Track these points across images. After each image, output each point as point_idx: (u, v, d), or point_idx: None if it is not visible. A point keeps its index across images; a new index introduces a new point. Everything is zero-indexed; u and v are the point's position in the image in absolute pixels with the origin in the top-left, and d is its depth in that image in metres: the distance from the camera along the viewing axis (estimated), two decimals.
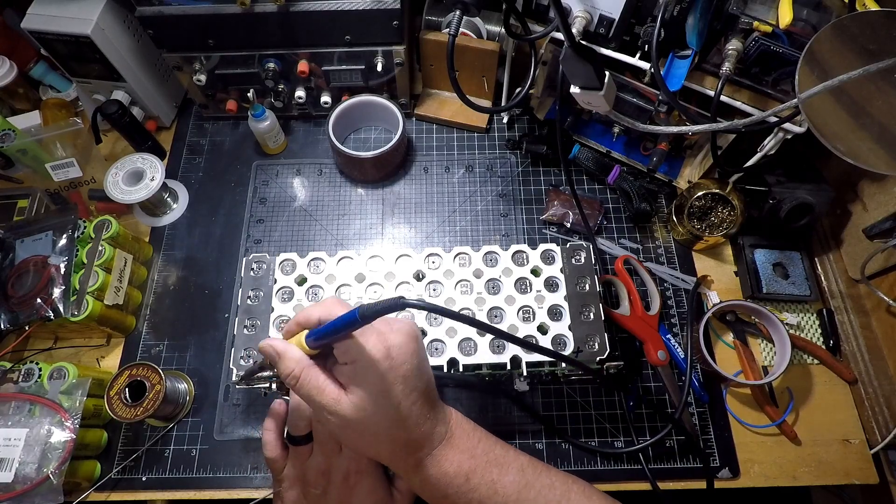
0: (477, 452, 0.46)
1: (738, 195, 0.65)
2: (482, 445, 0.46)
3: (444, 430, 0.46)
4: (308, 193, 0.76)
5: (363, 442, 0.45)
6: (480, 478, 0.45)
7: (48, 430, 0.54)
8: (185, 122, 0.81)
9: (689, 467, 0.59)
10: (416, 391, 0.43)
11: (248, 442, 0.61)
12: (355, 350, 0.41)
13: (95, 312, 0.60)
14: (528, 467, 0.47)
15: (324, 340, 0.42)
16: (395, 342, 0.42)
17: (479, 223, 0.73)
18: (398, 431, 0.43)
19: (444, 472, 0.44)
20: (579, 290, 0.57)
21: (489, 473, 0.45)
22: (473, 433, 0.47)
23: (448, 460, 0.45)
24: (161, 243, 0.72)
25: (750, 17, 0.51)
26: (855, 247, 0.65)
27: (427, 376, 0.45)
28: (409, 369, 0.43)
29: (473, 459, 0.45)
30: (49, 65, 0.79)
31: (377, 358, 0.41)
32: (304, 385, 0.42)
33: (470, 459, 0.45)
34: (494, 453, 0.46)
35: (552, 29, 0.59)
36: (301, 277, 0.58)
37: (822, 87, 0.44)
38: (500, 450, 0.47)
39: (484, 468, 0.45)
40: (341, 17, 0.65)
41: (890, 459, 0.60)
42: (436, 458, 0.45)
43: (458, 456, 0.45)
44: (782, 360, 0.61)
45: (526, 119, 0.81)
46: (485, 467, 0.45)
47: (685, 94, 0.59)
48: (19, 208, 0.68)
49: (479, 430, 0.48)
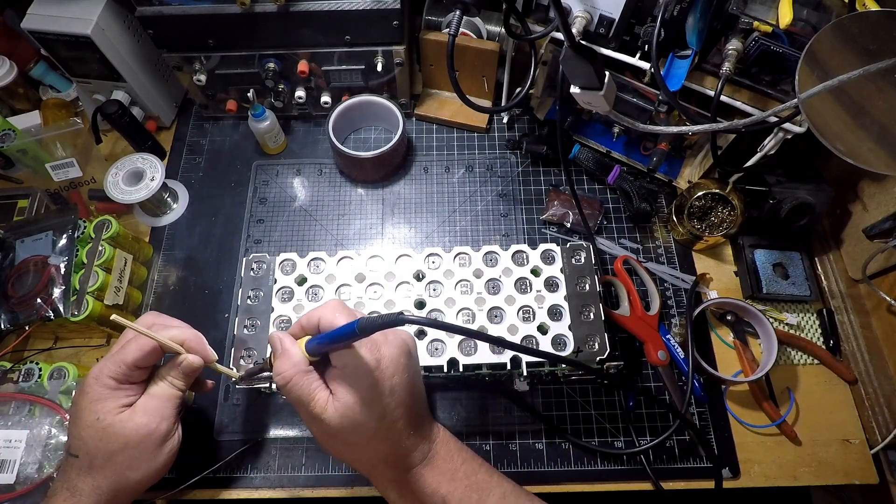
0: (458, 475, 0.45)
1: (738, 195, 0.65)
2: (465, 468, 0.46)
3: (428, 449, 0.46)
4: (308, 193, 0.76)
5: (344, 450, 0.45)
6: (458, 502, 0.44)
7: (48, 430, 0.54)
8: (185, 122, 0.81)
9: (689, 467, 0.59)
10: (402, 406, 0.43)
11: (247, 442, 0.61)
12: (347, 356, 0.41)
13: (95, 312, 0.60)
14: (511, 495, 0.46)
15: (322, 349, 0.43)
16: (387, 354, 0.42)
17: (479, 223, 0.73)
18: (379, 443, 0.43)
19: (422, 492, 0.44)
20: (579, 290, 0.57)
21: (468, 498, 0.45)
22: (458, 454, 0.47)
23: (426, 480, 0.45)
24: (161, 243, 0.72)
25: (750, 17, 0.51)
26: (855, 247, 0.65)
27: (417, 392, 0.45)
28: (398, 383, 0.43)
29: (453, 482, 0.45)
30: (49, 65, 0.79)
31: (366, 367, 0.41)
32: (294, 388, 0.42)
33: (449, 482, 0.45)
34: (477, 477, 0.46)
35: (552, 29, 0.59)
36: (301, 277, 0.58)
37: (822, 87, 0.44)
38: (484, 474, 0.47)
39: (463, 492, 0.45)
40: (341, 17, 0.65)
41: (890, 459, 0.60)
42: (414, 476, 0.45)
43: (438, 478, 0.45)
44: (769, 355, 0.61)
45: (526, 119, 0.81)
46: (464, 491, 0.45)
47: (685, 94, 0.59)
48: (19, 208, 0.68)
49: (465, 452, 0.48)
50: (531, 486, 0.58)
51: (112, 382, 0.46)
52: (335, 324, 0.42)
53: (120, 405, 0.46)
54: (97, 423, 0.45)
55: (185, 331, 0.49)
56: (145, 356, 0.46)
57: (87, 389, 0.46)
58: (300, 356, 0.43)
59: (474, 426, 0.61)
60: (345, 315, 0.43)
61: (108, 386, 0.46)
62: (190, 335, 0.49)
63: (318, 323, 0.43)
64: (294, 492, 0.58)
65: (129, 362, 0.46)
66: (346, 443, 0.44)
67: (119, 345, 0.48)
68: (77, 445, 0.46)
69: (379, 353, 0.42)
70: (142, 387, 0.48)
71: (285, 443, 0.60)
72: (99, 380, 0.46)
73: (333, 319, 0.42)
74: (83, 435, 0.46)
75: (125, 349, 0.46)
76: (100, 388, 0.46)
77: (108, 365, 0.46)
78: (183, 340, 0.48)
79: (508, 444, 0.60)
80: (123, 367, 0.46)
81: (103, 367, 0.46)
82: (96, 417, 0.45)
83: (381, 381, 0.42)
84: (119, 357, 0.46)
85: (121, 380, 0.46)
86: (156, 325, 0.48)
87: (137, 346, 0.46)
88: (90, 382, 0.46)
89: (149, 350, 0.47)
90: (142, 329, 0.46)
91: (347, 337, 0.40)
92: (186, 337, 0.48)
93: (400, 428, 0.43)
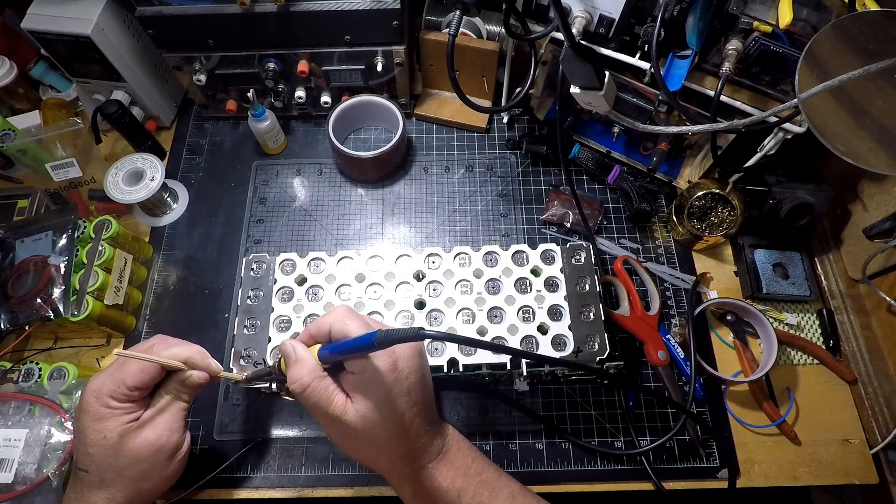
0: (470, 472, 0.47)
1: (738, 195, 0.65)
2: (476, 465, 0.47)
3: (442, 445, 0.47)
4: (308, 193, 0.76)
5: (364, 451, 0.46)
6: (471, 497, 0.46)
7: (48, 430, 0.54)
8: (185, 122, 0.81)
9: (690, 467, 0.59)
10: (418, 404, 0.44)
11: (248, 442, 0.61)
12: (364, 360, 0.42)
13: (95, 312, 0.60)
14: (519, 494, 0.48)
15: (336, 358, 0.43)
16: (403, 355, 0.43)
17: (479, 223, 0.73)
18: (399, 442, 0.44)
19: (437, 487, 0.45)
20: (579, 290, 0.57)
21: (479, 494, 0.46)
22: (469, 452, 0.48)
23: (442, 475, 0.46)
24: (161, 243, 0.72)
25: (750, 17, 0.51)
26: (855, 247, 0.65)
27: (429, 391, 0.47)
28: (414, 382, 0.44)
29: (466, 478, 0.46)
30: (49, 65, 0.79)
31: (384, 370, 0.42)
32: (312, 394, 0.43)
33: (463, 477, 0.46)
34: (487, 475, 0.47)
35: (552, 29, 0.59)
36: (301, 277, 0.58)
37: (822, 87, 0.44)
38: (493, 473, 0.48)
39: (475, 488, 0.46)
40: (341, 17, 0.64)
41: (890, 459, 0.60)
42: (430, 471, 0.46)
43: (452, 472, 0.46)
44: (769, 355, 0.61)
45: (526, 119, 0.81)
46: (476, 488, 0.46)
47: (685, 94, 0.59)
48: (19, 208, 0.68)
49: (474, 450, 0.49)
50: (531, 486, 0.58)
51: (112, 402, 0.46)
52: (346, 331, 0.43)
53: (124, 422, 0.46)
54: (104, 442, 0.46)
55: (187, 348, 0.49)
56: (146, 378, 0.47)
57: (87, 407, 0.46)
58: (315, 363, 0.44)
59: (474, 426, 0.61)
60: (355, 322, 0.43)
61: (107, 405, 0.46)
62: (192, 352, 0.49)
63: (329, 331, 0.44)
64: (294, 492, 0.58)
65: (129, 385, 0.46)
66: (367, 444, 0.44)
67: (118, 362, 0.48)
68: (86, 462, 0.46)
69: (395, 354, 0.43)
70: (144, 402, 0.48)
71: (285, 443, 0.60)
72: (99, 398, 0.46)
73: (345, 328, 0.43)
74: (91, 452, 0.46)
75: (124, 370, 0.46)
76: (100, 407, 0.46)
77: (107, 384, 0.46)
78: (186, 358, 0.48)
79: (508, 444, 0.60)
80: (123, 387, 0.46)
81: (102, 385, 0.46)
82: (103, 436, 0.46)
83: (398, 381, 0.43)
84: (118, 377, 0.46)
85: (121, 399, 0.46)
86: (158, 345, 0.48)
87: (138, 368, 0.46)
88: (89, 400, 0.46)
89: (150, 372, 0.47)
90: (143, 356, 0.46)
91: (365, 348, 0.41)
92: (189, 354, 0.48)
93: (417, 425, 0.44)
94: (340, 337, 0.43)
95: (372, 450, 0.45)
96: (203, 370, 0.49)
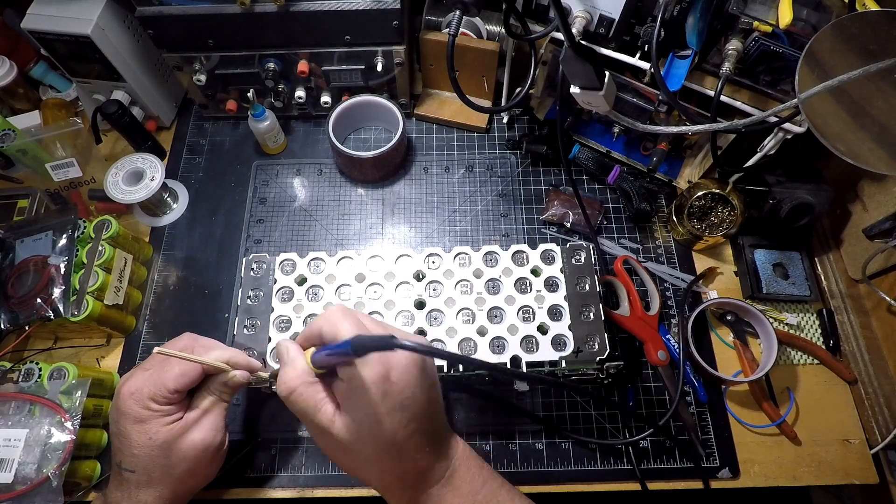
0: (479, 498, 0.42)
1: (738, 195, 0.65)
2: (486, 489, 0.43)
3: (446, 468, 0.43)
4: (308, 193, 0.76)
5: (355, 467, 0.43)
6: None
7: (48, 430, 0.54)
8: (185, 122, 0.81)
9: (691, 467, 0.59)
10: (414, 421, 0.40)
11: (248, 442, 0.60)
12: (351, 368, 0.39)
13: (95, 312, 0.60)
14: None
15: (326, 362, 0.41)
16: (398, 365, 0.39)
17: (479, 223, 0.73)
18: (390, 462, 0.40)
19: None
20: (579, 290, 0.57)
21: None
22: (479, 473, 0.44)
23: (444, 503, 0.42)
24: (161, 243, 0.72)
25: (750, 17, 0.51)
26: (855, 247, 0.65)
27: (434, 406, 0.42)
28: (409, 397, 0.39)
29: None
30: (49, 65, 0.79)
31: (372, 380, 0.38)
32: (298, 399, 0.41)
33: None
34: (498, 500, 0.43)
35: (552, 29, 0.59)
36: (301, 277, 0.58)
37: (822, 87, 0.44)
38: (506, 495, 0.44)
39: None
40: (341, 17, 0.64)
41: (890, 459, 0.60)
42: (432, 498, 0.42)
43: (458, 500, 0.42)
44: (769, 355, 0.61)
45: (526, 119, 0.81)
46: None
47: (685, 94, 0.59)
48: (19, 208, 0.68)
49: (486, 471, 0.44)
50: (531, 486, 0.58)
51: (153, 404, 0.46)
52: (338, 334, 0.40)
53: (167, 423, 0.46)
54: (150, 443, 0.46)
55: (227, 350, 0.49)
56: (187, 381, 0.47)
57: (127, 410, 0.46)
58: (304, 366, 0.42)
59: (474, 426, 0.61)
60: (348, 323, 0.40)
61: (148, 408, 0.46)
62: (233, 353, 0.49)
63: (321, 334, 0.42)
64: (294, 492, 0.58)
65: (170, 388, 0.46)
66: (357, 460, 0.41)
67: (154, 362, 0.48)
68: (132, 462, 0.46)
69: (389, 363, 0.39)
70: (184, 403, 0.49)
71: (285, 443, 0.60)
72: (139, 401, 0.46)
73: (335, 330, 0.40)
74: (137, 453, 0.46)
75: (163, 373, 0.46)
76: (140, 410, 0.46)
77: (146, 386, 0.46)
78: (228, 359, 0.48)
79: (508, 444, 0.60)
80: (164, 390, 0.46)
81: (141, 386, 0.46)
82: (148, 437, 0.46)
83: (390, 395, 0.38)
84: (158, 379, 0.46)
85: (161, 402, 0.46)
86: (197, 348, 0.49)
87: (180, 371, 0.46)
88: (128, 402, 0.46)
89: (190, 375, 0.47)
90: (189, 357, 0.46)
91: (343, 354, 0.38)
92: (230, 355, 0.49)
93: (413, 445, 0.40)
94: (331, 339, 0.40)
95: (362, 467, 0.42)
96: (245, 369, 0.49)
